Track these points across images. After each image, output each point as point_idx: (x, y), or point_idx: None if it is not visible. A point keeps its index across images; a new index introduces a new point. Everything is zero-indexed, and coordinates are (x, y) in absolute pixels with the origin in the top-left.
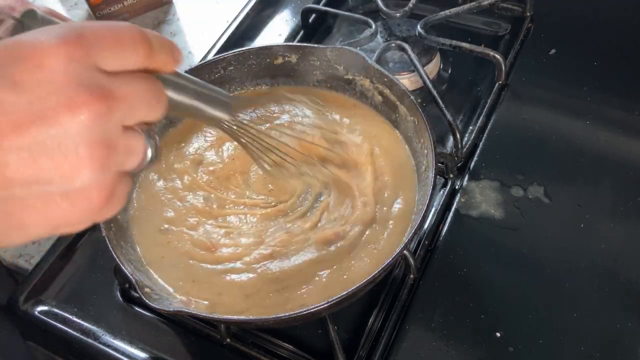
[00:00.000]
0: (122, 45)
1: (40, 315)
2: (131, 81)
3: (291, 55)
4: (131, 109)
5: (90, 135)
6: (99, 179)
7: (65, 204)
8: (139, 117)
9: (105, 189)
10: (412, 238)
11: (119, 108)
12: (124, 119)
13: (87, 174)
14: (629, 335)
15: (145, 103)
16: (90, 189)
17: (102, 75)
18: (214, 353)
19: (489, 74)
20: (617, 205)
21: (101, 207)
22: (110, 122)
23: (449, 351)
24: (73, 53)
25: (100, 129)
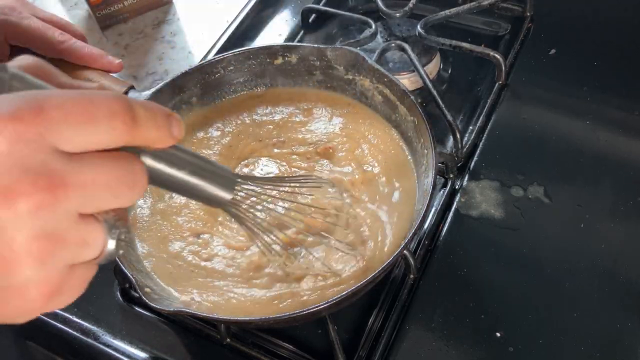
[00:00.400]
0: (93, 122)
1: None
2: (96, 164)
3: (291, 55)
4: (90, 197)
5: (30, 228)
6: (40, 275)
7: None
8: (101, 205)
9: (47, 287)
10: (412, 238)
11: (71, 197)
12: (79, 208)
13: (24, 271)
14: (629, 335)
15: (111, 190)
16: (29, 287)
17: (57, 158)
18: (214, 353)
19: (489, 74)
20: (617, 205)
21: (43, 303)
22: (57, 213)
23: (449, 351)
24: (24, 132)
25: (43, 220)
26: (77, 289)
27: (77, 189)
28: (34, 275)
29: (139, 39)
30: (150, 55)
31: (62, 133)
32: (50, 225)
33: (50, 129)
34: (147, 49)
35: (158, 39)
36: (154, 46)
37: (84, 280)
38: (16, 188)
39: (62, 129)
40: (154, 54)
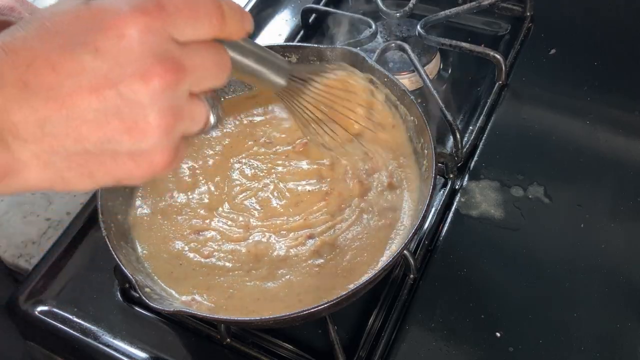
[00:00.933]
0: (198, 17)
1: (40, 315)
2: (201, 52)
3: (291, 55)
4: (198, 79)
5: (160, 104)
6: (164, 143)
7: (131, 163)
8: (205, 85)
9: (168, 153)
10: (412, 238)
11: (187, 78)
12: (191, 88)
13: (153, 139)
14: (629, 335)
15: (212, 73)
16: (155, 153)
17: (175, 46)
18: (214, 353)
19: (489, 74)
20: (617, 205)
21: (162, 167)
22: (179, 91)
23: (449, 351)
24: (151, 24)
25: (169, 98)
26: (181, 158)
27: (190, 72)
28: (160, 142)
29: None
30: None
31: (177, 25)
32: (173, 102)
33: (169, 21)
34: None
35: None
36: None
37: (184, 152)
38: (151, 70)
39: (177, 21)
40: None
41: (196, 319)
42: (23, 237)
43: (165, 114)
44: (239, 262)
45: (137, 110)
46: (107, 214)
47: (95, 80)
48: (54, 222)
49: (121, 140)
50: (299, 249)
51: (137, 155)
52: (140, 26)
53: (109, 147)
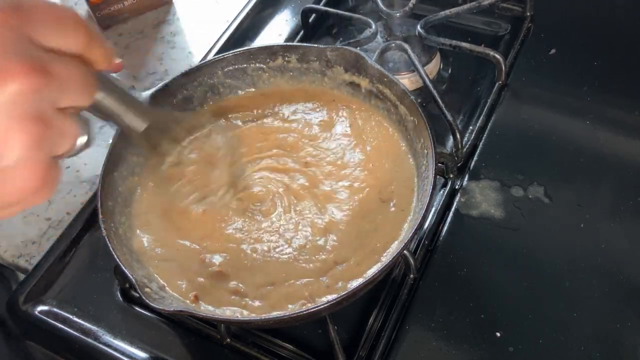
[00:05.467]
0: (64, 25)
1: (40, 315)
2: (67, 62)
3: (291, 55)
4: (64, 89)
5: (25, 108)
6: (33, 157)
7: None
8: (70, 100)
9: (39, 170)
10: (412, 238)
11: (53, 85)
12: (57, 99)
13: (20, 149)
14: (629, 335)
15: (77, 87)
16: (22, 169)
17: (38, 48)
18: (214, 353)
19: (489, 74)
20: (617, 205)
21: (35, 189)
22: (45, 98)
23: (449, 351)
24: (8, 20)
25: (35, 102)
26: (54, 183)
27: (56, 78)
28: (29, 155)
29: (139, 39)
30: (150, 55)
31: (39, 28)
32: (39, 109)
33: (29, 22)
34: (147, 49)
35: (158, 39)
36: (154, 46)
37: (58, 177)
38: (12, 69)
39: (38, 24)
40: (154, 54)
41: (196, 319)
42: (23, 237)
43: (32, 121)
44: (242, 263)
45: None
46: (107, 214)
47: None
48: (54, 222)
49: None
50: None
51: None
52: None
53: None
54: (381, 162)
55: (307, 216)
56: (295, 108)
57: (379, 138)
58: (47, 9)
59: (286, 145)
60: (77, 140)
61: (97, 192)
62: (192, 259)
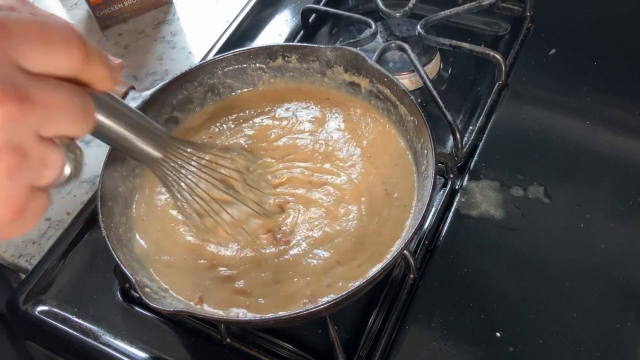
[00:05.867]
0: (52, 45)
1: (40, 315)
2: (55, 87)
3: (291, 55)
4: (50, 118)
5: (0, 136)
6: (6, 189)
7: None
8: (59, 129)
9: (12, 202)
10: (412, 238)
11: (35, 114)
12: (40, 128)
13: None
14: (629, 335)
15: (68, 115)
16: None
17: (21, 73)
18: (214, 353)
19: (489, 74)
20: (617, 205)
21: (9, 221)
22: (23, 127)
23: (449, 351)
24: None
25: (10, 132)
26: (37, 214)
27: (40, 106)
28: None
29: (139, 39)
30: (150, 55)
31: (23, 50)
32: (16, 139)
33: (12, 42)
34: (147, 49)
35: (158, 39)
36: (154, 46)
37: (42, 206)
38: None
39: (23, 45)
40: (154, 54)
41: (196, 319)
42: (23, 237)
43: (4, 152)
44: (243, 263)
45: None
46: (107, 214)
47: None
48: (54, 222)
49: None
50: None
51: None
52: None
53: None
54: (380, 155)
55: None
56: (294, 107)
57: (379, 138)
58: (33, 28)
59: (294, 147)
60: (61, 171)
61: (97, 192)
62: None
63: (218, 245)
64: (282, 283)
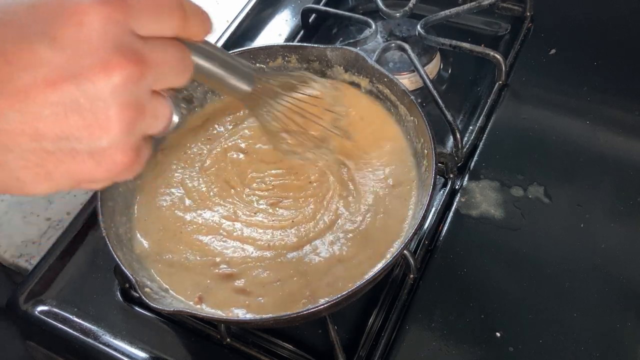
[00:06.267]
0: (160, 12)
1: (40, 315)
2: (163, 47)
3: (291, 55)
4: (161, 75)
5: (122, 98)
6: (125, 141)
7: (91, 162)
8: (167, 83)
9: (130, 152)
10: (412, 238)
11: (150, 73)
12: (153, 84)
13: (114, 135)
14: (629, 335)
15: (174, 70)
16: (116, 151)
17: (137, 39)
18: (214, 353)
19: (489, 74)
20: (617, 205)
21: (124, 169)
22: (141, 86)
23: (449, 351)
24: (113, 15)
25: (131, 92)
26: (144, 160)
27: (152, 66)
28: (121, 139)
29: None
30: None
31: (139, 19)
32: (135, 97)
33: (131, 14)
34: None
35: None
36: None
37: (148, 153)
38: (112, 62)
39: (138, 15)
40: None
41: (196, 319)
42: (23, 237)
43: (127, 109)
44: (244, 262)
45: (97, 104)
46: (107, 214)
47: (52, 72)
48: (54, 222)
49: (80, 137)
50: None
51: (97, 154)
52: (101, 15)
53: (67, 144)
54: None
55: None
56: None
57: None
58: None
59: None
60: (170, 120)
61: (97, 192)
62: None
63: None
64: (282, 282)
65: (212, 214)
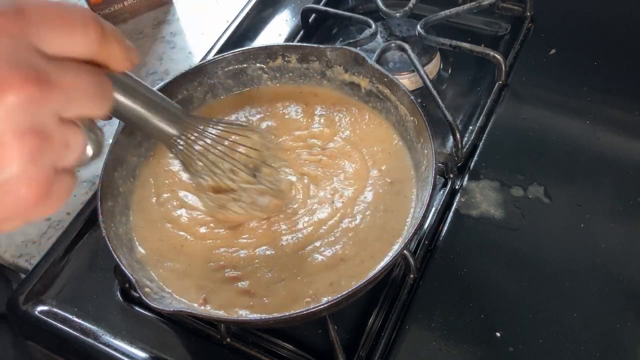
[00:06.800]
0: (70, 27)
1: (40, 315)
2: (74, 70)
3: (291, 55)
4: (70, 100)
5: (20, 121)
6: (30, 172)
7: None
8: (79, 111)
9: (37, 185)
10: (412, 238)
11: (55, 97)
12: (61, 110)
13: (14, 165)
14: (629, 335)
15: (87, 97)
16: (19, 183)
17: (40, 57)
18: (214, 353)
19: (489, 74)
20: (617, 205)
21: (33, 204)
22: (44, 110)
23: (449, 351)
24: (6, 27)
25: (32, 116)
26: (62, 195)
27: (60, 89)
28: (24, 170)
29: (139, 39)
30: (150, 55)
31: (42, 34)
32: (37, 122)
33: (31, 27)
34: (147, 49)
35: (158, 39)
36: (154, 46)
37: (67, 187)
38: (7, 79)
39: (41, 29)
40: (154, 54)
41: (196, 319)
42: (23, 237)
43: (28, 135)
44: (249, 264)
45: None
46: (107, 214)
47: None
48: (54, 222)
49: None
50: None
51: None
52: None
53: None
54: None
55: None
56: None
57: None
58: (51, 12)
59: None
60: (83, 151)
61: (97, 192)
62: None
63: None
64: (286, 281)
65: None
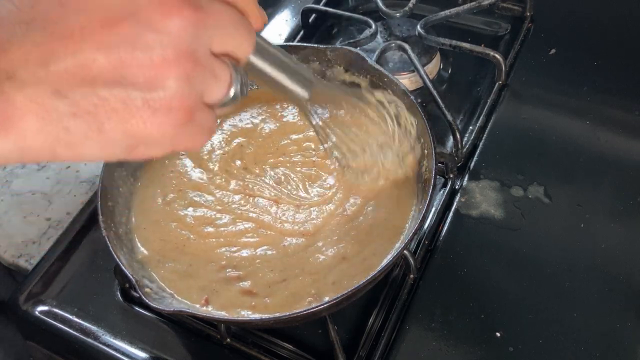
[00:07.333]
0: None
1: (40, 315)
2: (224, 6)
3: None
4: (222, 31)
5: (180, 42)
6: (183, 91)
7: (146, 111)
8: (228, 44)
9: (187, 104)
10: (412, 238)
11: (210, 25)
12: (213, 40)
13: (171, 81)
14: (629, 335)
15: (236, 30)
16: (173, 99)
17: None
18: (214, 353)
19: (489, 74)
20: (617, 205)
21: (180, 126)
22: (200, 37)
23: (449, 351)
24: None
25: (190, 39)
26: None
27: (214, 19)
28: (179, 88)
29: None
30: None
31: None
32: (194, 47)
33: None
34: None
35: None
36: None
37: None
38: (172, 4)
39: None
40: None
41: (196, 319)
42: (23, 237)
43: (185, 57)
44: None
45: (154, 46)
46: (107, 214)
47: (109, 12)
48: (54, 222)
49: (136, 81)
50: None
51: (152, 101)
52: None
53: (122, 91)
54: None
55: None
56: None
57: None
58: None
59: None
60: (229, 88)
61: (97, 192)
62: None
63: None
64: (288, 281)
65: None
